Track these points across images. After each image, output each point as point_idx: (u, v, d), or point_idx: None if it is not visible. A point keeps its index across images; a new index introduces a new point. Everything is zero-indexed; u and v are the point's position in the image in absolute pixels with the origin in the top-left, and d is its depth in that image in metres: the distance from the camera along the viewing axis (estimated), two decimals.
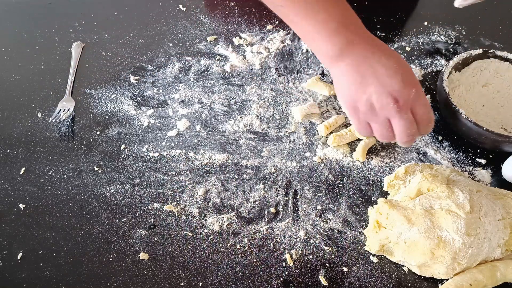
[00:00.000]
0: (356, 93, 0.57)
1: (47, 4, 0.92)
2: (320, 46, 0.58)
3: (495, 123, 0.74)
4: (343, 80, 0.59)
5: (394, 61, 0.57)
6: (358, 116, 0.60)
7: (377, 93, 0.56)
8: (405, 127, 0.57)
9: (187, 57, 0.83)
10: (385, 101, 0.56)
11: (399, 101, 0.56)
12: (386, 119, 0.58)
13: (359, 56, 0.57)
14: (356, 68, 0.57)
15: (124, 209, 0.64)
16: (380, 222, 0.60)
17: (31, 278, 0.58)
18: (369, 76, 0.56)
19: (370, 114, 0.58)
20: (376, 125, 0.59)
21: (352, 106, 0.59)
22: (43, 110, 0.75)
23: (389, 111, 0.56)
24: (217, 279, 0.59)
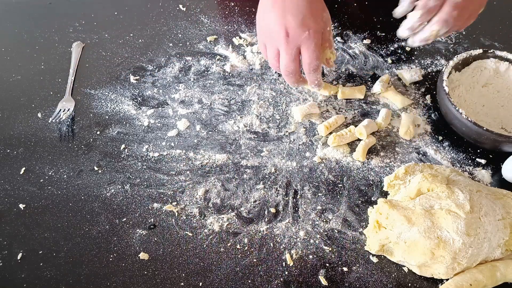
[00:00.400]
0: (263, 17, 0.65)
1: (47, 4, 0.92)
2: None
3: (495, 123, 0.74)
4: (261, 2, 0.66)
5: (306, 2, 0.63)
6: (260, 36, 0.68)
7: (275, 22, 0.63)
8: (285, 61, 0.64)
9: (187, 57, 0.83)
10: (278, 32, 0.63)
11: (289, 36, 0.62)
12: (276, 48, 0.65)
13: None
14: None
15: (124, 209, 0.65)
16: (380, 222, 0.60)
17: (31, 278, 0.58)
18: (277, 7, 0.63)
19: (267, 35, 0.66)
20: (268, 50, 0.66)
21: (258, 27, 0.67)
22: (43, 110, 0.75)
23: (278, 41, 0.63)
24: (217, 279, 0.59)
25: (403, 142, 0.73)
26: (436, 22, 0.64)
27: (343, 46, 0.86)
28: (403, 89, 0.80)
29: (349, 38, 0.87)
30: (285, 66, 0.65)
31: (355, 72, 0.82)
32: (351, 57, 0.84)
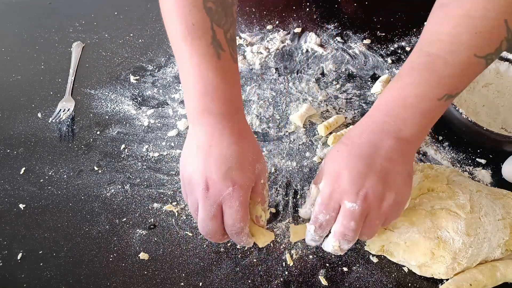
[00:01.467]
0: (186, 162, 0.54)
1: (47, 4, 0.92)
2: (186, 101, 0.56)
3: (495, 123, 0.74)
4: (188, 142, 0.56)
5: (238, 150, 0.53)
6: (181, 182, 0.56)
7: (197, 172, 0.52)
8: (202, 218, 0.53)
9: None
10: (198, 184, 0.52)
11: (209, 190, 0.52)
12: (196, 201, 0.53)
13: (208, 128, 0.54)
14: (198, 139, 0.54)
15: (124, 209, 0.65)
16: None
17: (31, 278, 0.58)
18: (200, 153, 0.53)
19: (188, 186, 0.54)
20: (189, 199, 0.55)
21: (181, 171, 0.56)
22: (43, 110, 0.75)
23: (197, 194, 0.52)
24: (217, 279, 0.59)
25: None
26: (332, 236, 0.54)
27: (343, 46, 0.86)
28: None
29: (349, 38, 0.87)
30: (202, 225, 0.53)
31: (355, 72, 0.82)
32: (351, 57, 0.84)
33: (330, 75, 0.81)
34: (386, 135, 0.52)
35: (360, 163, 0.52)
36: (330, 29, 0.88)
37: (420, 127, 0.53)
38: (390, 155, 0.52)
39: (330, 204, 0.52)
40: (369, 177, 0.51)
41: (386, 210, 0.52)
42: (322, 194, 0.53)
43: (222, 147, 0.53)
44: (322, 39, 0.87)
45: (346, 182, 0.51)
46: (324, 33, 0.88)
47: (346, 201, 0.51)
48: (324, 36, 0.87)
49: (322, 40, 0.86)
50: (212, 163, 0.52)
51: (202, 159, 0.53)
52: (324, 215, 0.53)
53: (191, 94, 0.55)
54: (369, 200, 0.51)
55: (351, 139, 0.54)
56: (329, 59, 0.84)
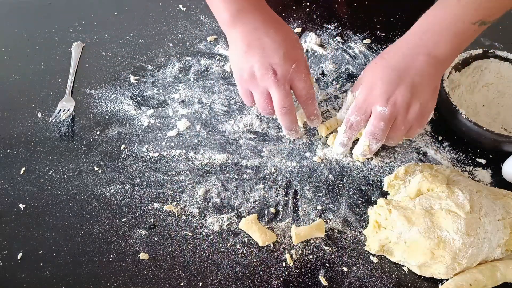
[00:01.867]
0: (242, 61, 0.61)
1: (47, 4, 0.92)
2: (216, 12, 0.63)
3: (495, 123, 0.74)
4: (233, 47, 0.63)
5: (282, 35, 0.61)
6: (241, 84, 0.64)
7: (259, 63, 0.60)
8: (279, 98, 0.61)
9: (187, 57, 0.83)
10: (265, 72, 0.59)
11: (277, 73, 0.60)
12: (266, 90, 0.61)
13: (249, 25, 0.61)
14: (245, 37, 0.61)
15: (124, 209, 0.65)
16: (380, 223, 0.60)
17: (31, 278, 0.58)
18: (255, 47, 0.60)
19: (251, 83, 0.62)
20: (256, 94, 0.63)
21: (238, 73, 0.63)
22: (43, 110, 0.75)
23: (268, 82, 0.60)
24: (217, 279, 0.59)
25: (403, 142, 0.73)
26: (364, 135, 0.62)
27: (343, 46, 0.86)
28: None
29: (349, 38, 0.87)
30: (281, 104, 0.62)
31: (355, 72, 0.82)
32: (351, 57, 0.84)
33: (330, 75, 0.81)
34: (420, 52, 0.60)
35: (393, 74, 0.60)
36: (330, 29, 0.88)
37: (452, 47, 0.60)
38: (421, 70, 0.60)
39: (363, 107, 0.61)
40: (400, 86, 0.59)
41: (412, 117, 0.60)
42: (357, 99, 0.62)
43: (271, 35, 0.60)
44: (322, 39, 0.87)
45: (379, 89, 0.60)
46: (324, 33, 0.88)
47: (377, 105, 0.60)
48: (324, 36, 0.87)
49: (322, 40, 0.86)
50: (269, 51, 0.60)
51: (258, 51, 0.60)
52: (355, 117, 0.62)
53: (221, 1, 0.61)
54: (397, 106, 0.59)
55: (389, 53, 0.63)
56: (329, 59, 0.84)
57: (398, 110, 0.59)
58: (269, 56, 0.60)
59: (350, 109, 0.62)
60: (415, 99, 0.59)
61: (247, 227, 0.62)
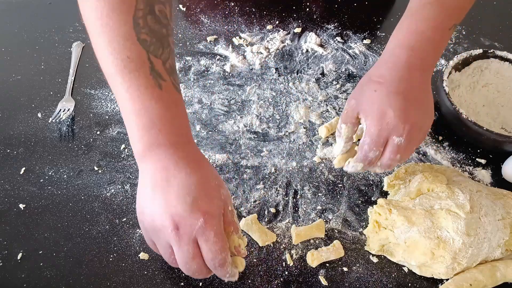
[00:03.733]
0: (144, 206, 0.50)
1: (47, 4, 0.92)
2: (131, 139, 0.52)
3: (495, 123, 0.74)
4: (140, 185, 0.52)
5: (197, 178, 0.49)
6: (143, 230, 0.53)
7: (158, 213, 0.48)
8: (182, 260, 0.49)
9: (187, 57, 0.83)
10: (164, 224, 0.48)
11: (179, 229, 0.47)
12: (168, 244, 0.49)
13: (159, 163, 0.50)
14: (152, 177, 0.50)
15: (124, 209, 0.64)
16: (380, 223, 0.60)
17: (31, 278, 0.58)
18: (158, 191, 0.49)
19: (152, 233, 0.50)
20: (160, 247, 0.51)
21: (139, 218, 0.52)
22: (43, 110, 0.75)
23: (168, 237, 0.48)
24: (217, 279, 0.59)
25: None
26: (379, 167, 0.60)
27: (343, 46, 0.86)
28: None
29: (349, 38, 0.87)
30: (186, 268, 0.50)
31: (355, 72, 0.82)
32: (351, 57, 0.84)
33: (330, 75, 0.81)
34: (413, 69, 0.59)
35: (401, 99, 0.57)
36: (330, 29, 0.88)
37: (435, 57, 0.61)
38: (420, 87, 0.59)
39: (380, 141, 0.57)
40: (411, 111, 0.57)
41: (423, 136, 0.60)
42: (370, 132, 0.57)
43: (181, 178, 0.49)
44: (322, 39, 0.87)
45: (392, 119, 0.56)
46: (324, 33, 0.88)
47: (394, 136, 0.57)
48: (324, 36, 0.87)
49: (322, 40, 0.86)
50: (174, 198, 0.48)
51: (162, 197, 0.48)
52: (374, 152, 0.57)
53: (135, 131, 0.50)
54: (413, 132, 0.57)
55: (383, 77, 0.59)
56: (329, 59, 0.84)
57: (413, 135, 0.57)
58: (172, 205, 0.48)
59: (366, 145, 0.57)
60: (426, 118, 0.60)
61: (247, 227, 0.62)
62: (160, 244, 0.50)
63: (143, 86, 0.49)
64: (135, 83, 0.49)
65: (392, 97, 0.57)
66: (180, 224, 0.47)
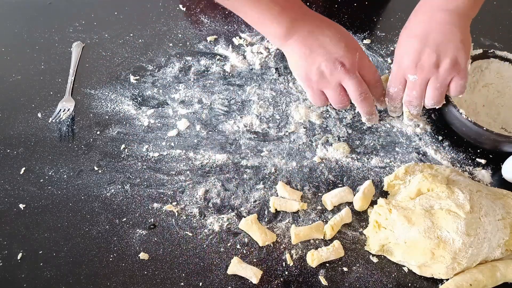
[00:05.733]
0: (307, 65, 0.64)
1: (47, 4, 0.91)
2: (270, 29, 0.65)
3: (495, 123, 0.74)
4: (294, 56, 0.66)
5: (336, 31, 0.65)
6: (312, 86, 0.67)
7: (325, 61, 0.63)
8: (355, 86, 0.65)
9: (187, 57, 0.83)
10: (333, 66, 0.63)
11: (346, 65, 0.63)
12: (338, 84, 0.65)
13: (304, 31, 0.64)
14: (304, 42, 0.64)
15: (124, 209, 0.65)
16: (380, 222, 0.60)
17: (31, 278, 0.58)
18: (316, 47, 0.64)
19: (322, 81, 0.65)
20: (329, 91, 0.66)
21: (306, 78, 0.66)
22: (43, 110, 0.75)
23: (339, 75, 0.64)
24: (217, 279, 0.59)
25: (403, 142, 0.73)
26: (403, 104, 0.69)
27: None
28: None
29: None
30: (358, 91, 0.65)
31: None
32: None
33: None
34: (436, 10, 0.64)
35: (415, 41, 0.64)
36: None
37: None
38: (441, 28, 0.63)
39: (397, 79, 0.67)
40: (424, 51, 0.63)
41: (444, 73, 0.64)
42: (391, 73, 0.69)
43: (326, 34, 0.64)
44: None
45: (406, 60, 0.65)
46: None
47: (408, 74, 0.66)
48: None
49: None
50: (331, 47, 0.63)
51: (320, 51, 0.63)
52: (393, 88, 0.68)
53: (268, 16, 0.63)
54: (426, 70, 0.64)
55: (409, 22, 0.68)
56: None
57: (428, 73, 0.64)
58: (332, 52, 0.63)
59: (388, 82, 0.69)
60: (443, 56, 0.63)
61: (247, 227, 0.62)
62: (331, 86, 0.65)
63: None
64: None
65: (408, 41, 0.66)
66: (344, 61, 0.64)
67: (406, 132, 0.74)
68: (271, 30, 0.65)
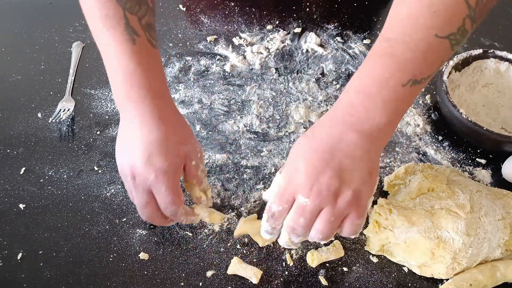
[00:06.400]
0: (117, 154, 0.57)
1: (47, 4, 0.92)
2: (113, 92, 0.58)
3: (495, 123, 0.74)
4: (118, 133, 0.57)
5: (157, 136, 0.53)
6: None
7: (124, 162, 0.55)
8: (138, 205, 0.55)
9: (187, 57, 0.83)
10: (125, 173, 0.54)
11: (135, 179, 0.53)
12: (129, 188, 0.56)
13: (129, 116, 0.55)
14: (123, 130, 0.56)
15: (124, 209, 0.64)
16: (380, 222, 0.60)
17: (31, 278, 0.58)
18: (125, 143, 0.55)
19: (122, 177, 0.57)
20: (126, 188, 0.57)
21: (116, 158, 0.58)
22: (43, 110, 0.75)
23: (128, 184, 0.55)
24: (217, 279, 0.59)
25: (403, 142, 0.73)
26: (284, 228, 0.52)
27: (343, 46, 0.86)
28: None
29: (349, 38, 0.87)
30: (140, 212, 0.56)
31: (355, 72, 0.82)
32: (351, 57, 0.84)
33: (330, 75, 0.81)
34: (347, 128, 0.49)
35: (317, 157, 0.49)
36: (330, 29, 0.88)
37: (386, 117, 0.49)
38: (351, 151, 0.49)
39: (284, 196, 0.51)
40: (325, 172, 0.49)
41: (342, 206, 0.49)
42: (279, 185, 0.52)
43: (143, 135, 0.54)
44: (322, 39, 0.87)
45: (301, 176, 0.49)
46: (324, 33, 0.88)
47: (300, 195, 0.49)
48: (324, 36, 0.87)
49: (322, 40, 0.86)
50: (135, 152, 0.53)
51: (127, 149, 0.55)
52: (277, 206, 0.51)
53: (113, 83, 0.56)
54: (322, 196, 0.49)
55: (313, 131, 0.52)
56: (329, 59, 0.84)
57: (323, 200, 0.49)
58: (133, 158, 0.53)
59: (272, 197, 0.52)
60: (345, 186, 0.49)
61: (247, 227, 0.62)
62: (126, 187, 0.57)
63: (118, 41, 0.54)
64: (112, 39, 0.54)
65: (310, 153, 0.50)
66: (136, 175, 0.53)
67: (406, 132, 0.74)
68: (112, 90, 0.58)
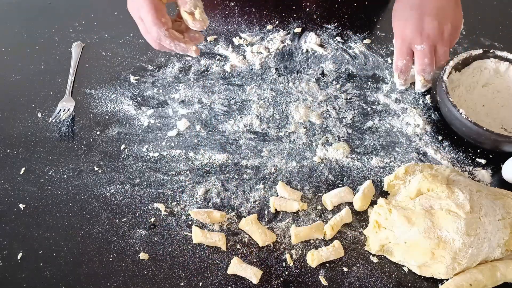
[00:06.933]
0: (128, 4, 0.66)
1: (47, 4, 0.92)
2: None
3: (495, 123, 0.74)
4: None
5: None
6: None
7: (133, 7, 0.64)
8: (143, 33, 0.66)
9: (187, 57, 0.83)
10: (134, 14, 0.65)
11: (134, 14, 0.66)
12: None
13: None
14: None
15: (124, 209, 0.65)
16: (380, 222, 0.60)
17: (31, 278, 0.58)
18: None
19: (136, 17, 0.65)
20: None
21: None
22: (43, 110, 0.75)
23: (138, 22, 0.66)
24: (217, 279, 0.59)
25: (403, 142, 0.73)
26: (416, 73, 0.73)
27: (343, 46, 0.86)
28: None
29: (349, 38, 0.87)
30: (147, 40, 0.67)
31: (355, 72, 0.82)
32: (351, 57, 0.84)
33: (330, 75, 0.81)
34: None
35: (415, 11, 0.69)
36: (330, 29, 0.88)
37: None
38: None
39: (403, 51, 0.71)
40: (425, 20, 0.68)
41: (448, 37, 0.70)
42: (395, 46, 0.72)
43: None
44: (322, 39, 0.87)
45: (410, 31, 0.69)
46: (324, 33, 0.88)
47: (415, 45, 0.70)
48: (324, 36, 0.87)
49: (322, 40, 0.86)
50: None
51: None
52: (401, 61, 0.72)
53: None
54: (432, 37, 0.69)
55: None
56: (329, 59, 0.84)
57: (433, 40, 0.68)
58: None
59: (394, 56, 0.72)
60: (444, 21, 0.68)
61: (247, 227, 0.62)
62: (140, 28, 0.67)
63: None
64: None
65: (408, 12, 0.70)
66: (132, 8, 0.65)
67: (406, 132, 0.74)
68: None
